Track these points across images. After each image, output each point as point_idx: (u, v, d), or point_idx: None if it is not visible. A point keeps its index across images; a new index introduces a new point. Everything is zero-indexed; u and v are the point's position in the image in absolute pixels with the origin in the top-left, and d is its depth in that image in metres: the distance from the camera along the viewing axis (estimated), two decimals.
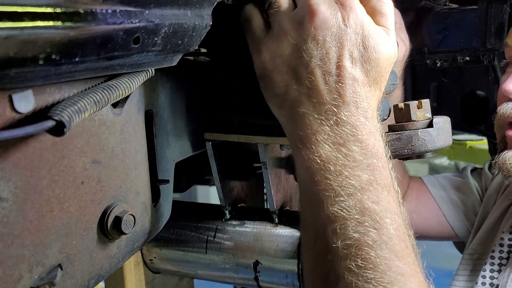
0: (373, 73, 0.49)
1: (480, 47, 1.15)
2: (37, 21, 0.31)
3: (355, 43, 0.49)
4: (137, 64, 0.44)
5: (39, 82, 0.36)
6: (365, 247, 0.46)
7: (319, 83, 0.48)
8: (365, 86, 0.49)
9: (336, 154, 0.47)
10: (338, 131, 0.47)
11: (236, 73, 0.63)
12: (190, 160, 0.73)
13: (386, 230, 0.47)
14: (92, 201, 0.46)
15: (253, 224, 0.78)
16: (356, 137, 0.48)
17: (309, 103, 0.48)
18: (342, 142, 0.47)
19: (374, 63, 0.49)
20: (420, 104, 0.61)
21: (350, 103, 0.48)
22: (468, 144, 3.37)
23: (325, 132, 0.47)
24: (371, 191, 0.47)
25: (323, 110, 0.48)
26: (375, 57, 0.49)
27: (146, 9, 0.40)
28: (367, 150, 0.48)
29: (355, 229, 0.46)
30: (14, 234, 0.38)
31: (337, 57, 0.48)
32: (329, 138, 0.47)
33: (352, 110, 0.48)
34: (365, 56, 0.49)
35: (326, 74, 0.48)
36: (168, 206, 0.64)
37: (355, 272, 0.45)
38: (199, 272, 0.82)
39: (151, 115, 0.58)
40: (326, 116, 0.48)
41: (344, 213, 0.46)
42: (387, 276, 0.45)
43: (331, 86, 0.48)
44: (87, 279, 0.47)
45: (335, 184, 0.47)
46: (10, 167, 0.37)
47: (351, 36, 0.48)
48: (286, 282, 0.75)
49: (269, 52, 0.51)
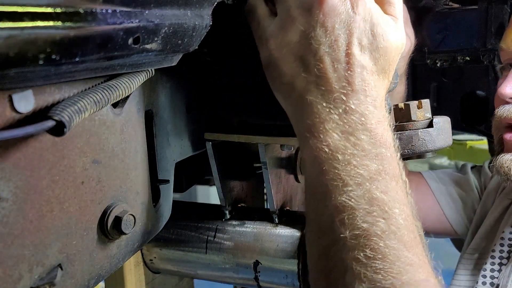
0: (381, 62, 0.49)
1: (480, 47, 1.16)
2: (37, 21, 0.31)
3: (364, 30, 0.48)
4: (137, 64, 0.44)
5: (39, 82, 0.36)
6: (373, 237, 0.45)
7: (327, 70, 0.47)
8: (373, 74, 0.48)
9: (345, 143, 0.46)
10: (347, 119, 0.47)
11: (236, 73, 0.63)
12: (190, 160, 0.73)
13: (395, 220, 0.46)
14: (92, 201, 0.46)
15: (253, 224, 0.78)
16: (364, 126, 0.47)
17: (318, 91, 0.48)
18: (350, 131, 0.47)
19: (383, 51, 0.49)
20: (420, 104, 0.61)
21: (359, 91, 0.47)
22: (468, 144, 3.37)
23: (334, 121, 0.47)
24: (380, 181, 0.46)
25: (332, 99, 0.47)
26: (383, 45, 0.49)
27: (146, 9, 0.40)
28: (376, 139, 0.47)
29: (363, 219, 0.45)
30: (14, 234, 0.38)
31: (346, 44, 0.48)
32: (338, 127, 0.47)
33: (361, 99, 0.47)
34: (374, 44, 0.48)
35: (335, 61, 0.47)
36: (168, 206, 0.64)
37: (363, 262, 0.45)
38: (199, 272, 0.82)
39: (151, 115, 0.58)
40: (334, 104, 0.47)
41: (353, 203, 0.46)
42: (396, 266, 0.45)
43: (340, 74, 0.47)
44: (87, 279, 0.47)
45: (344, 174, 0.46)
46: (10, 167, 0.37)
47: (360, 24, 0.48)
48: (286, 282, 0.75)
49: (275, 40, 0.50)
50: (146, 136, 0.56)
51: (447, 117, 0.63)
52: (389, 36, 0.49)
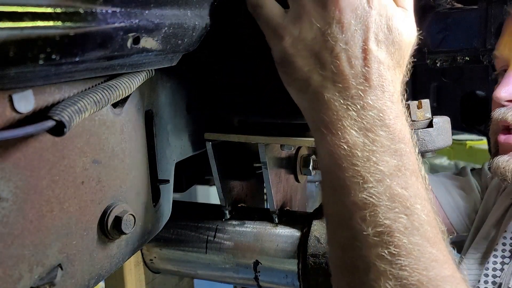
0: (396, 56, 0.49)
1: (480, 47, 1.15)
2: (37, 21, 0.31)
3: (380, 25, 0.48)
4: (137, 64, 0.44)
5: (39, 82, 0.36)
6: (396, 233, 0.44)
7: (344, 67, 0.47)
8: (390, 69, 0.48)
9: (363, 139, 0.46)
10: (365, 116, 0.46)
11: (236, 73, 0.63)
12: (190, 160, 0.73)
13: (417, 216, 0.45)
14: (92, 201, 0.46)
15: (253, 224, 0.78)
16: (383, 121, 0.46)
17: (334, 88, 0.47)
18: (369, 127, 0.46)
19: (398, 45, 0.49)
20: (420, 104, 0.61)
21: (377, 87, 0.47)
22: (468, 144, 3.36)
23: (352, 118, 0.46)
24: (400, 176, 0.46)
25: (349, 95, 0.47)
26: (398, 39, 0.48)
27: (146, 9, 0.40)
28: (395, 134, 0.47)
29: (385, 215, 0.45)
30: (14, 234, 0.38)
31: (362, 40, 0.47)
32: (356, 124, 0.46)
33: (379, 94, 0.47)
34: (390, 39, 0.48)
35: (352, 58, 0.47)
36: (168, 206, 0.64)
37: (388, 259, 0.44)
38: (199, 272, 0.82)
39: (151, 115, 0.58)
40: (352, 101, 0.47)
41: (374, 200, 0.45)
42: (421, 262, 0.44)
43: (357, 70, 0.47)
44: (87, 279, 0.47)
45: (363, 171, 0.46)
46: (10, 167, 0.37)
47: (376, 18, 0.48)
48: (286, 282, 0.75)
49: (290, 36, 0.49)
50: (146, 136, 0.56)
51: (447, 117, 0.63)
52: (403, 29, 0.49)
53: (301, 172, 0.87)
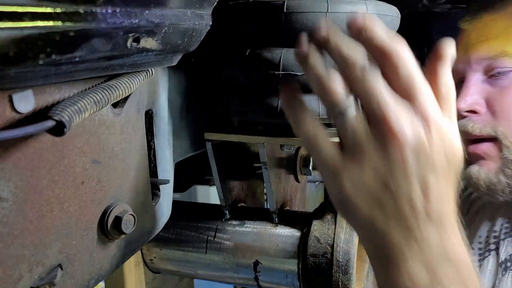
0: (452, 177, 0.47)
1: None
2: (37, 21, 0.31)
3: (439, 158, 0.46)
4: (137, 64, 0.44)
5: (39, 82, 0.36)
6: None
7: (404, 209, 0.46)
8: (450, 201, 0.47)
9: (426, 274, 0.45)
10: (428, 251, 0.46)
11: (236, 73, 0.63)
12: (190, 160, 0.73)
13: None
14: (92, 201, 0.46)
15: (253, 224, 0.78)
16: (445, 256, 0.46)
17: (396, 226, 0.46)
18: (432, 262, 0.46)
19: (453, 166, 0.47)
20: None
21: (437, 221, 0.46)
22: None
23: (414, 252, 0.46)
24: None
25: (412, 235, 0.46)
26: (453, 162, 0.47)
27: (146, 9, 0.40)
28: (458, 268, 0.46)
29: None
30: (14, 234, 0.38)
31: (423, 178, 0.45)
32: (419, 259, 0.46)
33: (440, 229, 0.46)
34: (446, 167, 0.46)
35: (413, 198, 0.46)
36: (168, 206, 0.64)
37: None
38: (199, 272, 0.82)
39: (151, 115, 0.58)
40: (415, 238, 0.46)
41: None
42: None
43: (418, 210, 0.46)
44: (87, 279, 0.47)
45: None
46: (10, 167, 0.37)
47: (435, 148, 0.45)
48: (286, 282, 0.75)
49: (351, 179, 0.47)
50: (146, 136, 0.56)
51: None
52: (455, 148, 0.47)
53: (301, 172, 0.87)
